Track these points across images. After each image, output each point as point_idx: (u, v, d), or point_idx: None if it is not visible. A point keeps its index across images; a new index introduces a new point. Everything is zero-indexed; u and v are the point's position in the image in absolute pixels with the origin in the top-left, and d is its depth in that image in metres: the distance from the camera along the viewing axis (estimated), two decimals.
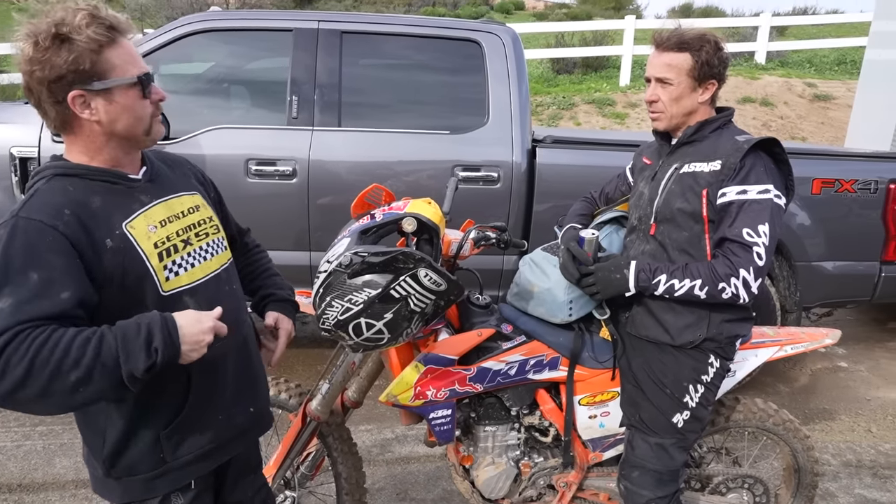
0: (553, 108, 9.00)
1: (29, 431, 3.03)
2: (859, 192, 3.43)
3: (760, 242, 1.62)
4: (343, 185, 3.13)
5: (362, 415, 3.17)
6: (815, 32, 14.40)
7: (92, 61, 1.10)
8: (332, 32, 3.23)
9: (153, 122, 1.23)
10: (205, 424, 1.30)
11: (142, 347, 1.04)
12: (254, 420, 1.44)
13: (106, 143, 1.19)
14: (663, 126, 1.79)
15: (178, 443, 1.27)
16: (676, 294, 1.69)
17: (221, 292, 1.34)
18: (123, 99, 1.16)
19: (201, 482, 1.35)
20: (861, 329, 4.71)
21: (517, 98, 3.29)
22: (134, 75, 1.16)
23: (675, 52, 1.71)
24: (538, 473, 2.04)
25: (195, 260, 1.28)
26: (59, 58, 1.08)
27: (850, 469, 2.96)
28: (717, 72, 1.72)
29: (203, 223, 1.33)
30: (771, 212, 1.64)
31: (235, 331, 1.35)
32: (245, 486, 1.53)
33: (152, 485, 1.27)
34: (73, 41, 1.08)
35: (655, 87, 1.76)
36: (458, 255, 1.89)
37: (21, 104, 3.37)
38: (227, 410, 1.34)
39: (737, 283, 1.64)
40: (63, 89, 1.10)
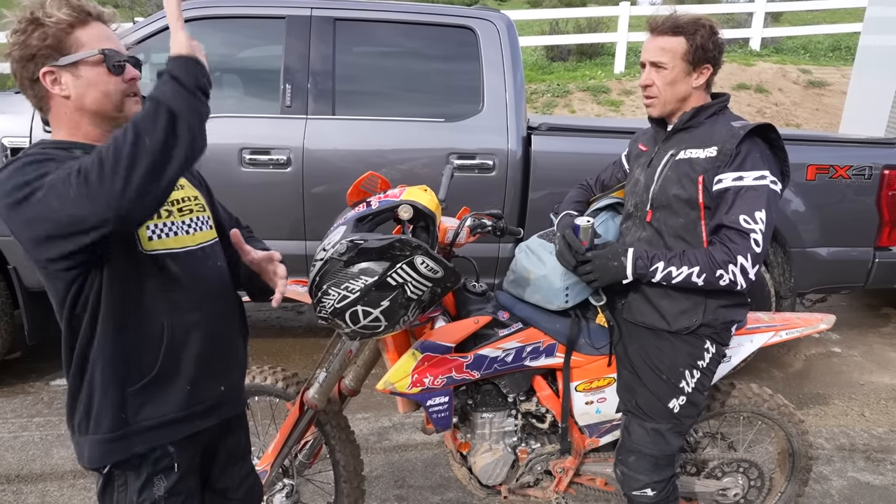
0: (547, 95, 8.97)
1: (26, 422, 3.03)
2: (854, 178, 3.44)
3: (757, 229, 1.63)
4: (338, 173, 3.12)
5: (359, 403, 3.18)
6: (810, 18, 14.36)
7: (59, 39, 1.17)
8: (326, 20, 3.20)
9: (125, 100, 1.25)
10: (171, 391, 1.30)
11: (191, 65, 1.10)
12: (223, 399, 1.42)
13: (80, 120, 1.23)
14: (657, 112, 1.79)
15: (141, 404, 1.27)
16: (674, 281, 1.69)
17: (205, 266, 1.37)
18: (89, 73, 1.20)
19: (185, 464, 1.34)
20: (854, 315, 4.74)
21: (512, 85, 3.27)
22: (96, 49, 1.20)
23: (670, 35, 1.70)
24: (535, 459, 2.05)
25: (178, 230, 1.32)
26: (32, 38, 1.16)
27: (844, 453, 3.00)
28: (712, 56, 1.72)
29: (186, 200, 1.37)
30: (767, 198, 1.64)
31: (215, 304, 1.37)
32: (233, 473, 1.54)
33: (110, 448, 1.26)
34: (45, 23, 1.16)
35: (650, 72, 1.75)
36: (455, 242, 1.88)
37: (11, 94, 3.33)
38: (195, 382, 1.33)
39: (734, 269, 1.64)
40: (36, 66, 1.18)
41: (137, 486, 1.29)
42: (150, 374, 1.27)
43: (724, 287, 1.68)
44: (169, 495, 1.32)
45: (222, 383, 1.41)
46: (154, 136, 1.03)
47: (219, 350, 1.39)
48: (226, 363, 1.43)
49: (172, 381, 1.30)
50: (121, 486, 1.30)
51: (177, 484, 1.33)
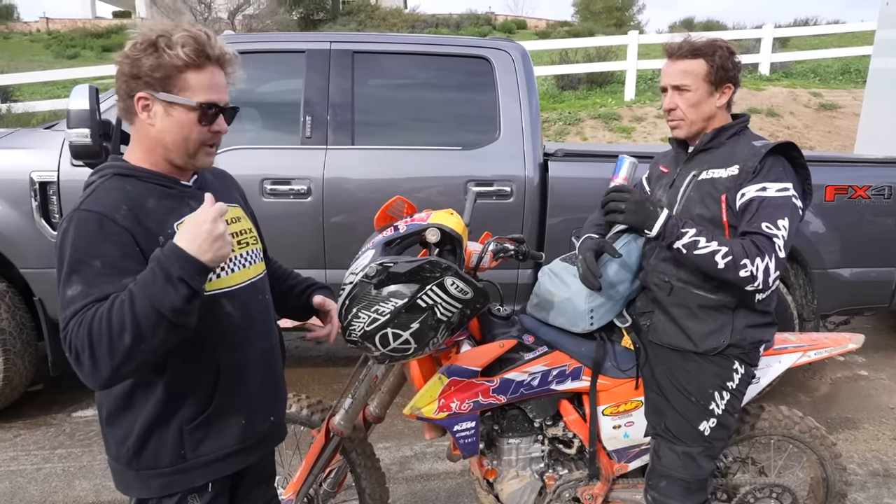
0: (559, 123, 9.05)
1: (48, 455, 3.04)
2: (873, 197, 3.42)
3: (780, 235, 1.61)
4: (357, 202, 3.16)
5: (381, 433, 3.16)
6: (818, 43, 14.46)
7: (168, 74, 1.19)
8: (344, 52, 3.27)
9: (200, 149, 1.27)
10: (227, 425, 1.32)
11: (164, 285, 1.07)
12: (272, 429, 1.46)
13: (155, 148, 1.26)
14: (684, 133, 1.80)
15: (199, 440, 1.29)
16: (697, 252, 1.62)
17: (255, 300, 1.38)
18: (180, 116, 1.23)
19: (218, 485, 1.35)
20: (880, 337, 4.66)
21: (528, 113, 3.31)
22: (195, 101, 1.22)
23: (690, 59, 1.73)
24: (563, 486, 2.02)
25: (235, 265, 1.33)
26: (145, 60, 1.19)
27: (878, 479, 2.92)
28: (732, 75, 1.75)
29: (244, 233, 1.39)
30: (791, 210, 1.64)
31: (265, 337, 1.40)
32: (257, 496, 1.54)
33: (169, 481, 1.28)
34: (163, 53, 1.18)
35: (673, 96, 1.77)
36: (478, 266, 1.89)
37: (41, 130, 3.42)
38: (250, 415, 1.35)
39: (760, 265, 1.59)
40: (137, 87, 1.20)
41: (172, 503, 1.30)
42: (207, 412, 1.28)
43: (741, 280, 1.61)
44: None
45: (272, 414, 1.43)
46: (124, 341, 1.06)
47: (269, 382, 1.41)
48: (275, 394, 1.45)
49: (228, 416, 1.32)
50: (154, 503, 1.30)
51: (210, 503, 1.34)
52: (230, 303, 1.30)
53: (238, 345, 1.32)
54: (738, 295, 1.73)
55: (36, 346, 3.33)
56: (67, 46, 21.82)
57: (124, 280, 1.12)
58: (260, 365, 1.38)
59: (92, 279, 1.11)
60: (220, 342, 1.29)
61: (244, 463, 1.38)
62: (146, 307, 1.06)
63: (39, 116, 8.89)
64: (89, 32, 23.58)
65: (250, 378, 1.35)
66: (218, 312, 1.28)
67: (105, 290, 1.10)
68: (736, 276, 1.61)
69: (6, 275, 3.21)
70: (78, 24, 25.24)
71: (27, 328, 3.25)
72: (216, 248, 1.11)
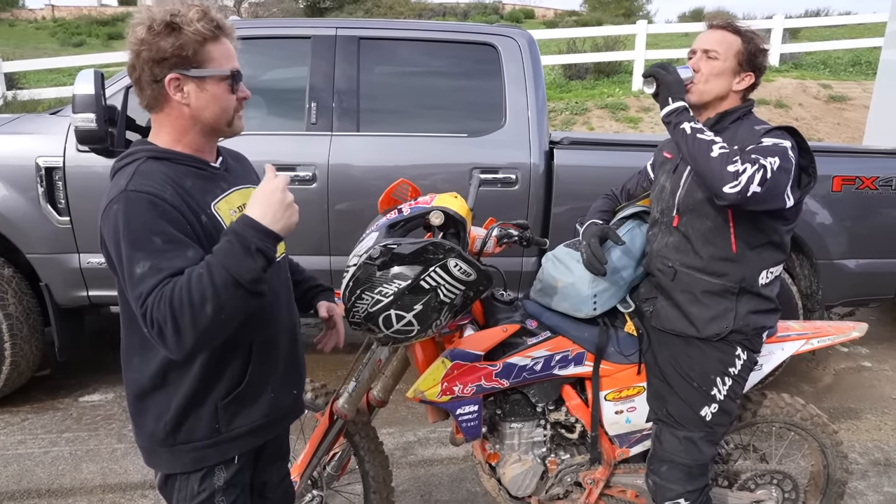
0: (566, 113, 9.02)
1: (56, 438, 3.07)
2: (880, 188, 3.40)
3: (769, 164, 1.55)
4: (362, 189, 3.16)
5: (384, 418, 3.18)
6: (829, 34, 14.32)
7: (195, 50, 1.21)
8: (350, 39, 3.27)
9: (235, 116, 1.30)
10: (258, 399, 1.36)
11: (243, 256, 1.11)
12: (295, 404, 1.51)
13: (191, 128, 1.28)
14: (694, 98, 1.77)
15: (233, 414, 1.33)
16: (699, 136, 1.62)
17: (280, 279, 1.42)
18: (213, 89, 1.25)
19: (243, 458, 1.39)
20: (884, 328, 4.65)
21: (534, 100, 3.30)
22: (227, 69, 1.25)
23: (730, 32, 1.77)
24: (565, 470, 2.04)
25: None
26: (166, 42, 1.19)
27: (879, 467, 2.92)
28: (758, 65, 1.77)
29: None
30: (782, 154, 1.59)
31: (288, 314, 1.44)
32: (272, 472, 1.57)
33: (202, 454, 1.32)
34: (183, 30, 1.19)
35: (699, 59, 1.78)
36: (482, 251, 1.89)
37: (46, 115, 3.43)
38: (278, 390, 1.40)
39: (749, 170, 1.53)
40: (163, 70, 1.20)
41: (199, 475, 1.33)
42: (240, 387, 1.32)
43: (727, 174, 1.54)
44: (227, 486, 1.36)
45: (295, 387, 1.48)
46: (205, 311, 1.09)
47: (292, 356, 1.46)
48: (297, 369, 1.50)
49: (259, 391, 1.35)
50: (183, 476, 1.33)
51: (235, 475, 1.37)
52: None
53: (268, 321, 1.36)
54: (741, 275, 1.73)
55: (42, 332, 3.35)
56: (73, 34, 21.83)
57: (188, 253, 1.14)
58: (286, 340, 1.42)
59: (158, 254, 1.12)
60: (253, 319, 1.31)
61: (270, 436, 1.43)
62: (226, 278, 1.09)
63: (45, 104, 8.90)
64: (95, 20, 23.58)
65: (278, 353, 1.40)
66: None
67: (175, 264, 1.12)
68: (722, 170, 1.55)
69: (13, 260, 3.23)
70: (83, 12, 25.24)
71: (34, 313, 3.28)
72: (287, 216, 1.16)
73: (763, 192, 1.55)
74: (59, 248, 3.14)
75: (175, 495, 1.36)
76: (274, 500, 1.59)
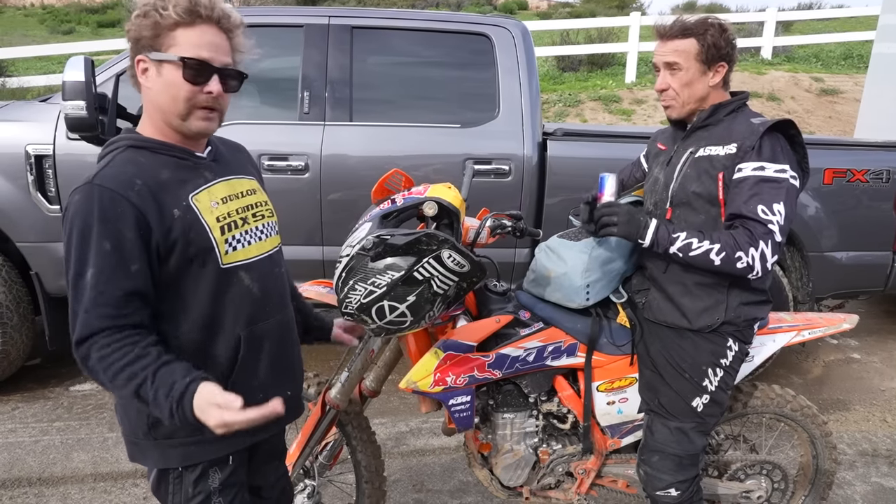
0: (559, 105, 9.00)
1: (46, 427, 3.06)
2: (871, 181, 3.42)
3: (775, 221, 1.61)
4: (355, 179, 3.15)
5: (377, 408, 3.18)
6: (821, 27, 14.36)
7: (158, 33, 1.20)
8: (343, 28, 3.24)
9: (192, 112, 1.24)
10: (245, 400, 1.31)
11: (165, 408, 1.13)
12: (288, 405, 1.43)
13: (155, 114, 1.26)
14: (676, 114, 1.79)
15: None
16: (692, 254, 1.64)
17: (271, 273, 1.39)
18: (168, 75, 1.21)
19: (238, 458, 1.36)
20: (874, 321, 4.69)
21: (527, 91, 3.29)
22: (177, 56, 1.20)
23: (681, 38, 1.71)
24: (557, 460, 2.05)
25: (252, 238, 1.34)
26: (144, 23, 1.20)
27: (867, 458, 2.96)
28: (726, 53, 1.72)
29: (259, 206, 1.39)
30: (787, 192, 1.64)
31: (280, 311, 1.41)
32: (268, 472, 1.55)
33: (188, 452, 1.29)
34: (158, 13, 1.19)
35: (665, 75, 1.76)
36: (475, 242, 1.89)
37: (36, 103, 3.40)
38: (267, 390, 1.35)
39: (754, 254, 1.61)
40: (137, 51, 1.22)
41: (192, 478, 1.31)
42: (226, 385, 1.26)
43: (739, 271, 1.64)
44: (223, 487, 1.33)
45: (289, 388, 1.44)
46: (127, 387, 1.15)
47: (285, 356, 1.42)
48: (292, 368, 1.46)
49: (247, 390, 1.29)
50: (176, 479, 1.31)
51: (230, 476, 1.35)
52: (248, 275, 1.31)
53: (256, 318, 1.33)
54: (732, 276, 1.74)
55: (33, 321, 3.33)
56: (62, 21, 21.57)
57: (132, 268, 1.15)
58: (276, 338, 1.39)
59: (104, 265, 1.14)
60: (240, 315, 1.29)
61: (262, 436, 1.39)
62: (147, 396, 1.14)
63: (34, 91, 8.79)
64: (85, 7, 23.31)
65: (268, 352, 1.36)
66: (237, 285, 1.29)
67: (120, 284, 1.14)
68: (733, 269, 1.64)
69: (2, 249, 3.20)
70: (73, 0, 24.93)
71: (24, 302, 3.25)
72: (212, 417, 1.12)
73: (780, 249, 1.64)
74: (49, 236, 3.11)
75: (170, 499, 1.33)
76: (272, 500, 1.57)
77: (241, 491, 1.38)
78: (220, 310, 1.27)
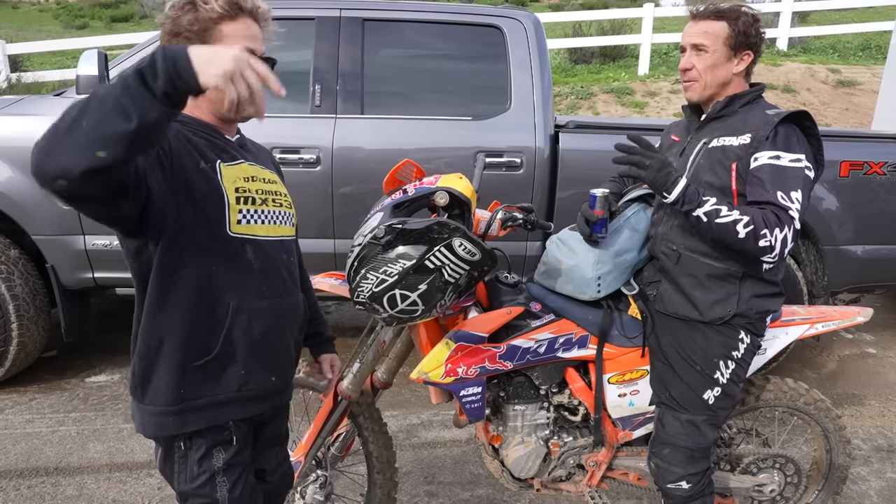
0: (571, 97, 8.95)
1: (63, 417, 3.10)
2: (889, 174, 3.37)
3: (794, 208, 1.60)
4: (366, 172, 3.15)
5: (388, 401, 3.19)
6: (838, 18, 14.15)
7: (205, 27, 1.24)
8: (354, 20, 3.24)
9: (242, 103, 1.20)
10: (227, 373, 1.33)
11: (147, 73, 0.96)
12: (272, 390, 1.44)
13: (200, 104, 1.30)
14: (696, 96, 1.78)
15: (198, 381, 1.30)
16: (718, 220, 1.59)
17: (279, 258, 1.40)
18: None
19: (241, 438, 1.38)
20: (889, 315, 4.64)
21: (539, 83, 3.28)
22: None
23: (713, 20, 1.72)
24: (568, 453, 2.05)
25: (265, 218, 1.36)
26: (183, 19, 1.24)
27: (882, 454, 2.93)
28: (754, 42, 1.72)
29: (279, 195, 1.43)
30: (803, 181, 1.62)
31: (281, 296, 1.40)
32: (270, 456, 1.57)
33: (163, 421, 1.29)
34: (199, 8, 1.23)
35: (690, 55, 1.76)
36: (486, 234, 1.89)
37: (50, 97, 3.43)
38: (250, 370, 1.35)
39: (778, 235, 1.58)
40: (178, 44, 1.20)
41: (197, 457, 1.32)
42: (211, 354, 1.30)
43: (759, 250, 1.60)
44: (227, 467, 1.35)
45: (274, 375, 1.43)
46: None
47: (276, 342, 1.41)
48: (280, 357, 1.44)
49: (229, 363, 1.32)
50: (181, 458, 1.33)
51: (234, 456, 1.36)
52: (252, 251, 1.33)
53: (252, 295, 1.33)
54: (745, 264, 1.73)
55: (49, 313, 3.38)
56: (76, 16, 21.74)
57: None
58: (270, 320, 1.38)
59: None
60: (235, 287, 1.30)
61: (240, 414, 1.37)
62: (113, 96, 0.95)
63: (49, 86, 8.88)
64: (98, 2, 23.46)
65: (257, 331, 1.35)
66: (239, 255, 1.31)
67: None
68: (755, 246, 1.60)
69: (19, 242, 3.24)
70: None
71: (40, 295, 3.30)
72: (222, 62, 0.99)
73: (796, 237, 1.63)
74: (64, 229, 3.15)
75: (175, 478, 1.35)
76: (273, 484, 1.59)
77: (245, 472, 1.39)
78: (219, 273, 1.29)
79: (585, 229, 1.85)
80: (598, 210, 1.81)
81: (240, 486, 1.37)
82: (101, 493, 2.56)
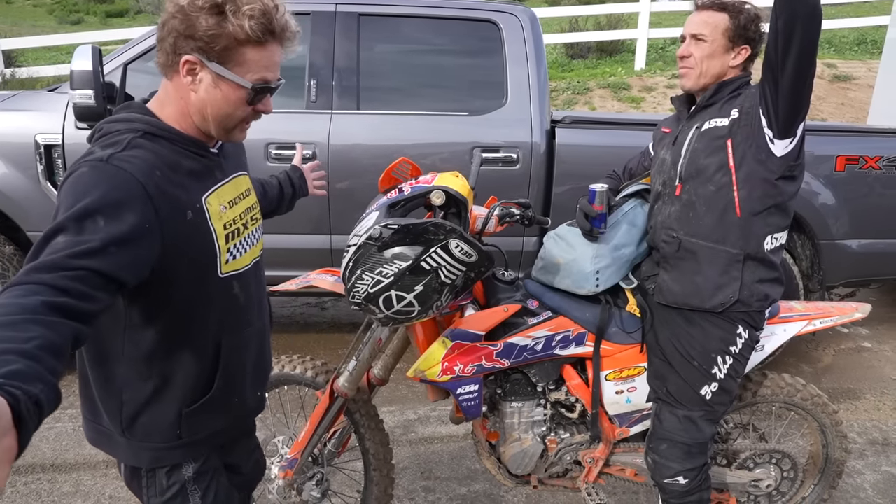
0: (568, 93, 8.92)
1: (59, 414, 3.09)
2: (884, 168, 3.38)
3: None
4: (362, 167, 3.14)
5: (385, 397, 3.19)
6: (834, 13, 14.13)
7: (227, 46, 1.09)
8: (350, 15, 3.22)
9: (238, 125, 1.20)
10: (224, 406, 1.30)
11: None
12: (259, 403, 1.47)
13: (191, 114, 1.17)
14: (690, 84, 1.79)
15: (196, 422, 1.27)
16: None
17: (256, 279, 1.37)
18: (227, 92, 1.13)
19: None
20: (885, 310, 4.65)
21: (535, 79, 3.27)
22: (250, 81, 1.13)
23: (715, 11, 1.74)
24: (565, 449, 2.05)
25: (247, 245, 1.31)
26: (202, 22, 1.06)
27: (877, 447, 2.94)
28: (753, 37, 1.74)
29: (254, 208, 1.36)
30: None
31: (260, 316, 1.39)
32: (240, 450, 1.55)
33: (160, 455, 1.27)
34: (226, 19, 1.07)
35: (689, 44, 1.78)
36: (483, 230, 1.88)
37: (44, 92, 3.40)
38: (244, 394, 1.35)
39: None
40: (185, 48, 1.09)
41: (165, 471, 1.29)
42: (206, 395, 1.26)
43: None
44: (198, 475, 1.32)
45: (260, 389, 1.44)
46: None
47: (261, 359, 1.41)
48: (264, 370, 1.45)
49: (227, 397, 1.30)
50: (149, 472, 1.29)
51: (204, 464, 1.34)
52: (238, 284, 1.28)
53: (240, 326, 1.31)
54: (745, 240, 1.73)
55: None
56: (71, 12, 21.57)
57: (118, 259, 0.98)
58: (256, 344, 1.37)
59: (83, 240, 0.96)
60: (225, 324, 1.27)
61: (233, 434, 1.39)
62: None
63: (43, 81, 8.81)
64: None
65: (247, 358, 1.34)
66: (228, 295, 1.26)
67: (89, 262, 0.94)
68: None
69: (13, 238, 3.22)
70: None
71: None
72: None
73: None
74: None
75: (145, 492, 1.30)
76: (247, 473, 1.58)
77: (216, 475, 1.36)
78: (211, 316, 1.23)
79: (585, 224, 1.85)
80: (597, 205, 1.81)
81: (212, 492, 1.34)
82: (97, 489, 2.56)
